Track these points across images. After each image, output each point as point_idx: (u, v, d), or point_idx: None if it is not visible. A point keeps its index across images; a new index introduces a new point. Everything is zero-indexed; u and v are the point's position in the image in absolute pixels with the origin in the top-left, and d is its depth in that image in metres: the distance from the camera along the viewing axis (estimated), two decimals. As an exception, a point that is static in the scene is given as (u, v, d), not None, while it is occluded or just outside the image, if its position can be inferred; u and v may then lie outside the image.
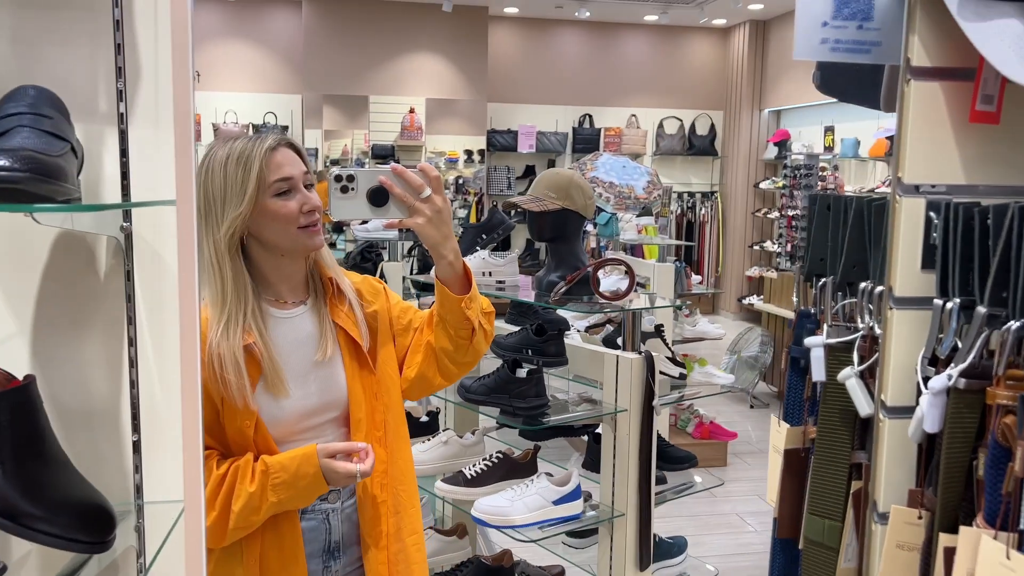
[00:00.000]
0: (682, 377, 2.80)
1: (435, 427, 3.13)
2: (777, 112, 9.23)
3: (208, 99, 8.48)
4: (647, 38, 9.57)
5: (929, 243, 1.15)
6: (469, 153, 8.95)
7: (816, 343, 1.28)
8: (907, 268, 1.16)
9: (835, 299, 1.33)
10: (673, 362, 2.81)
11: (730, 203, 9.50)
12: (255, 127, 8.50)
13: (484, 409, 2.59)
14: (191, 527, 1.14)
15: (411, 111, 8.60)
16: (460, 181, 8.80)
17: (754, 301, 8.85)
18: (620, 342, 2.60)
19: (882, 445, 1.17)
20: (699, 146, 9.54)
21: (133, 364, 1.20)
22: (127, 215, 1.16)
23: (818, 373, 1.29)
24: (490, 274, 2.81)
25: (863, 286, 1.26)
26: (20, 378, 1.00)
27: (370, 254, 4.02)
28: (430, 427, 3.12)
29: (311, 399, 1.44)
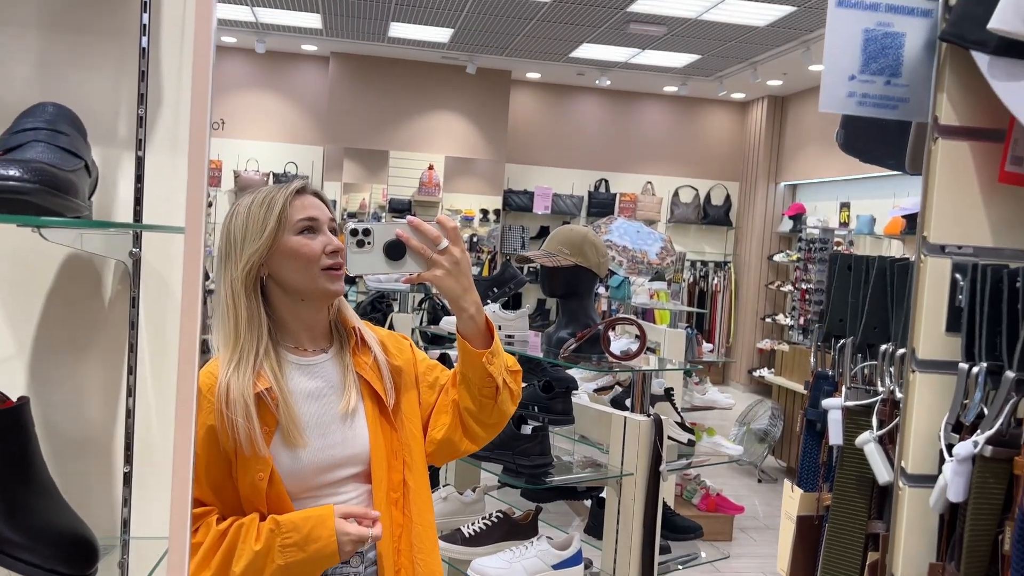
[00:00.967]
0: (691, 443, 2.74)
1: (435, 483, 3.07)
2: (793, 186, 9.29)
3: (231, 146, 8.61)
4: (666, 108, 9.71)
5: (955, 305, 1.12)
6: (485, 212, 9.02)
7: (834, 405, 1.24)
8: (931, 330, 1.13)
9: (854, 361, 1.30)
10: (682, 427, 2.75)
11: (743, 274, 9.49)
12: (275, 176, 8.61)
13: (486, 466, 2.54)
14: (174, 570, 1.09)
15: (430, 167, 8.71)
16: (475, 239, 8.85)
17: (765, 373, 8.76)
18: (629, 403, 2.56)
19: (901, 514, 1.12)
20: (714, 216, 9.58)
21: (131, 393, 1.17)
22: (137, 241, 1.15)
23: (835, 437, 1.24)
24: (500, 328, 2.79)
25: (884, 348, 1.23)
26: (14, 399, 0.98)
27: (380, 304, 4.01)
28: (430, 483, 3.06)
29: (331, 452, 1.38)
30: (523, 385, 2.74)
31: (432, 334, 3.83)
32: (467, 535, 2.55)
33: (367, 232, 1.31)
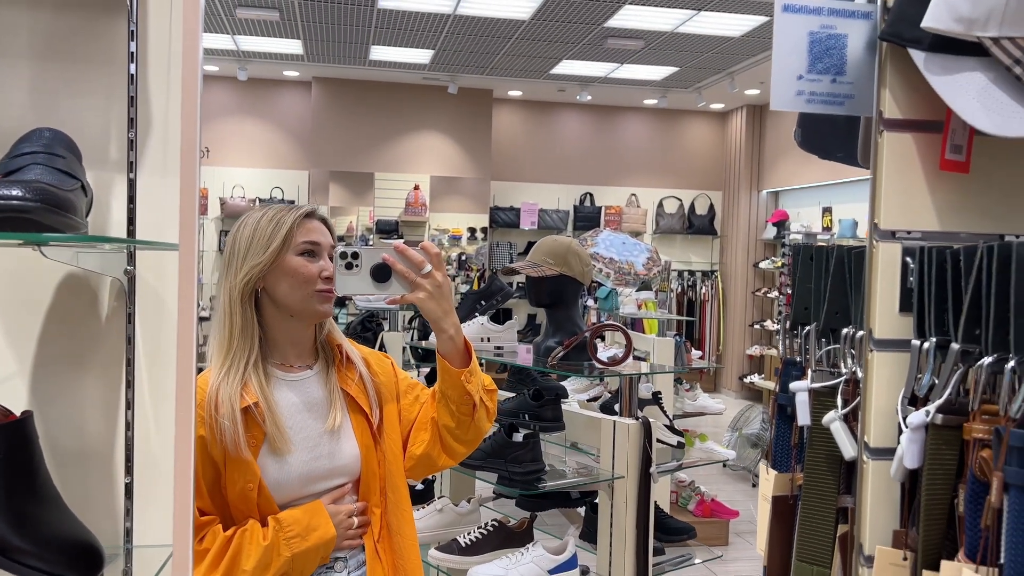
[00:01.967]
0: (680, 446, 2.79)
1: (430, 495, 3.10)
2: (775, 193, 9.39)
3: (216, 174, 8.65)
4: (647, 121, 9.82)
5: (906, 286, 1.18)
6: (472, 230, 9.08)
7: (801, 388, 1.30)
8: (886, 311, 1.19)
9: (819, 345, 1.36)
10: (671, 430, 2.80)
11: (730, 282, 9.57)
12: (262, 202, 8.65)
13: (481, 476, 2.57)
14: (178, 574, 1.13)
15: (416, 188, 8.77)
16: (463, 257, 8.90)
17: (755, 379, 8.83)
18: (617, 408, 2.60)
19: (866, 487, 1.17)
20: (698, 225, 9.67)
21: (130, 406, 1.21)
22: (131, 259, 1.19)
23: (803, 418, 1.30)
24: (488, 340, 2.84)
25: (845, 331, 1.29)
26: (17, 414, 1.02)
27: (371, 324, 4.05)
28: (425, 495, 3.09)
29: (316, 464, 1.43)
30: (513, 395, 2.78)
31: (423, 350, 3.87)
32: (463, 544, 2.58)
33: (355, 255, 1.39)
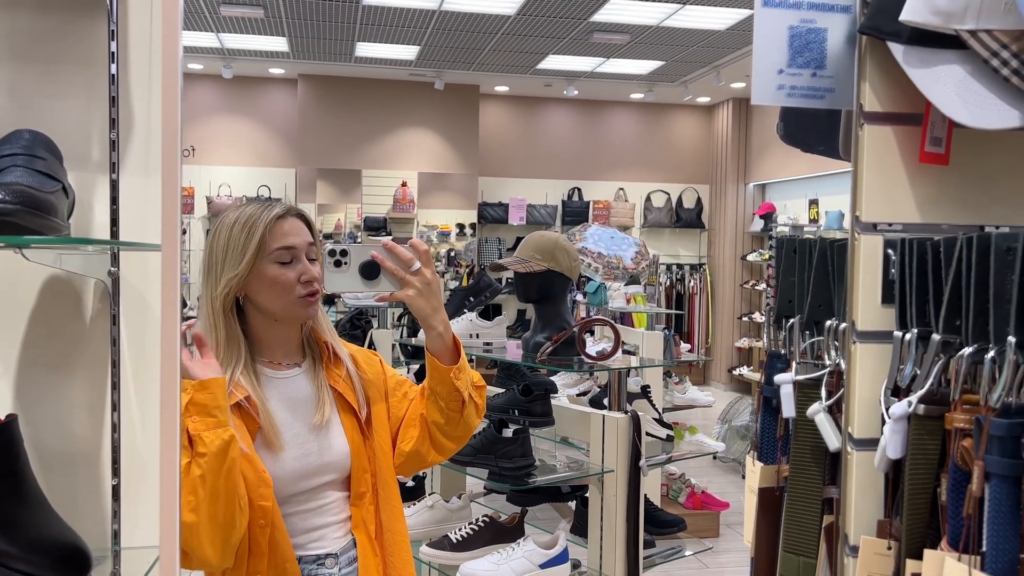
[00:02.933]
0: (669, 439, 2.80)
1: (421, 491, 3.11)
2: (762, 186, 9.42)
3: (202, 172, 8.61)
4: (633, 115, 9.83)
5: (888, 278, 1.19)
6: (461, 226, 9.08)
7: (786, 380, 1.31)
8: (868, 303, 1.20)
9: (803, 338, 1.37)
10: (660, 423, 2.81)
11: (718, 275, 9.60)
12: (248, 200, 8.61)
13: (471, 472, 2.58)
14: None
15: (403, 184, 8.75)
16: (452, 254, 8.89)
17: (744, 371, 8.86)
18: (607, 402, 2.61)
19: (851, 477, 1.18)
20: (686, 219, 9.69)
21: (116, 408, 1.21)
22: (115, 260, 1.19)
23: (788, 410, 1.31)
24: (477, 336, 2.84)
25: (829, 323, 1.30)
26: (2, 417, 1.01)
27: (359, 321, 4.04)
28: (416, 491, 3.09)
29: (307, 460, 1.43)
30: (502, 391, 2.79)
31: (412, 347, 3.87)
32: (454, 541, 2.59)
33: (344, 253, 1.39)
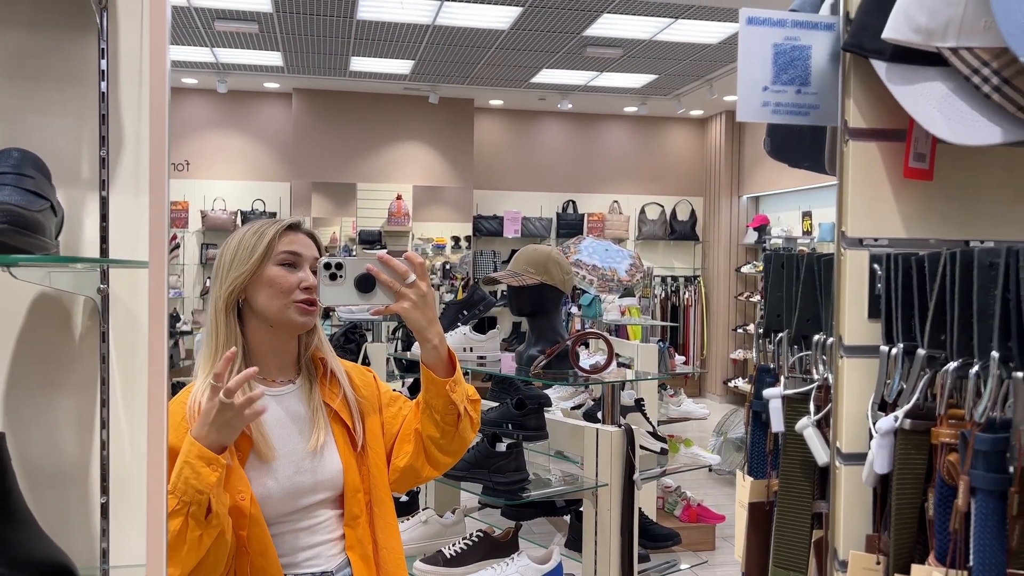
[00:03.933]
0: (664, 452, 2.80)
1: (415, 506, 3.10)
2: (756, 198, 9.46)
3: (197, 187, 8.61)
4: (627, 128, 9.87)
5: (874, 293, 1.20)
6: (456, 239, 9.08)
7: (774, 394, 1.31)
8: (855, 318, 1.21)
9: (791, 352, 1.37)
10: (655, 436, 2.81)
11: (713, 287, 9.62)
12: (243, 214, 8.61)
13: (465, 486, 2.57)
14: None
15: (398, 198, 8.76)
16: (447, 267, 8.90)
17: (739, 383, 8.87)
18: (600, 416, 2.61)
19: (839, 492, 1.19)
20: (680, 231, 9.72)
21: (105, 425, 1.20)
22: (104, 277, 1.18)
23: (777, 424, 1.31)
24: (471, 349, 2.84)
25: (817, 338, 1.31)
26: (-10, 436, 1.01)
27: (354, 335, 4.04)
28: (410, 506, 3.08)
29: (299, 479, 1.43)
30: (496, 404, 2.79)
31: (407, 361, 3.87)
32: (448, 556, 2.58)
33: (339, 266, 1.38)
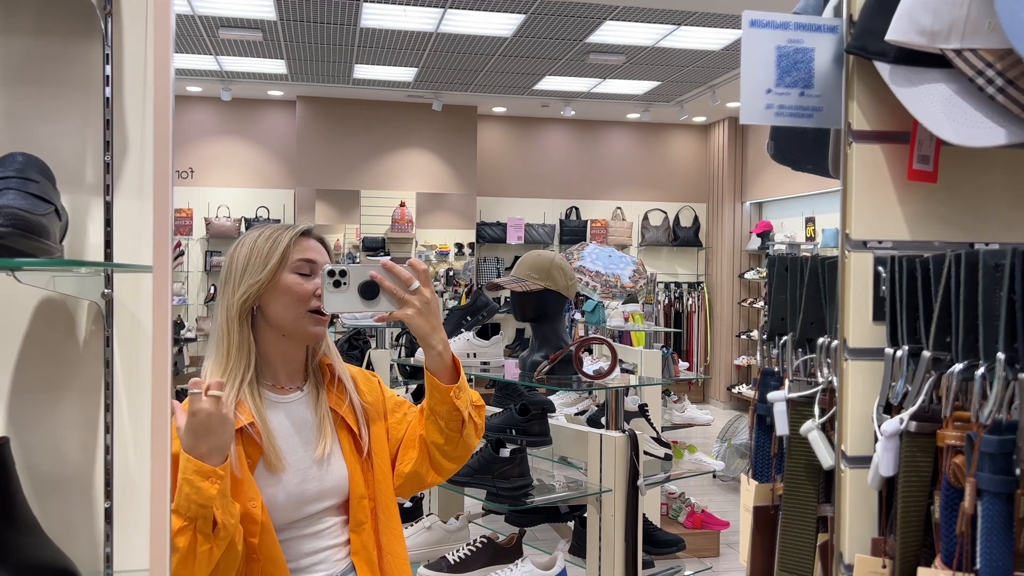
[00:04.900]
0: (668, 457, 2.79)
1: (419, 512, 3.09)
2: (759, 204, 9.45)
3: (201, 194, 8.63)
4: (630, 134, 9.88)
5: (879, 296, 1.20)
6: (459, 246, 9.09)
7: (779, 398, 1.31)
8: (859, 320, 1.21)
9: (796, 355, 1.37)
10: (658, 442, 2.80)
11: (716, 293, 9.61)
12: (247, 221, 8.62)
13: (469, 492, 2.57)
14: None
15: (402, 205, 8.77)
16: (451, 273, 8.90)
17: (743, 389, 8.85)
18: (604, 421, 2.60)
19: (844, 495, 1.18)
20: (684, 237, 9.71)
21: (109, 430, 1.20)
22: (109, 282, 1.19)
23: (781, 427, 1.31)
24: (475, 355, 2.84)
25: (821, 341, 1.30)
26: (-6, 440, 1.01)
27: (357, 342, 4.04)
28: (414, 512, 3.08)
29: (306, 486, 1.43)
30: (500, 410, 2.78)
31: (411, 367, 3.87)
32: (452, 562, 2.57)
33: (343, 273, 1.38)
